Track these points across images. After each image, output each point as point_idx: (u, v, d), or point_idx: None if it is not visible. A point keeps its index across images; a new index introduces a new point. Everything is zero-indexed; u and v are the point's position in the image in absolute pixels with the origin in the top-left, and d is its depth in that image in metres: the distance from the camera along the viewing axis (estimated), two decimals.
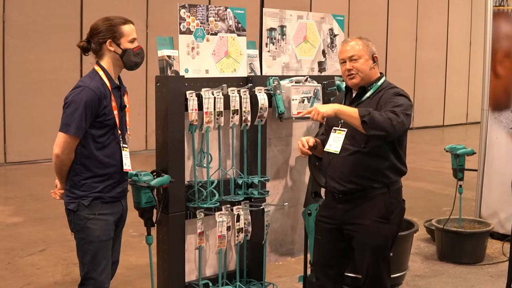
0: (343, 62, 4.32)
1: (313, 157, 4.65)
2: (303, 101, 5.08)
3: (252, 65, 5.07)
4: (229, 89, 4.73)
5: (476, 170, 7.55)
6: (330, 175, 4.33)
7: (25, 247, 7.19)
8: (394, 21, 18.91)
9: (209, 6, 4.74)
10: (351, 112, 4.00)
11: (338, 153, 4.21)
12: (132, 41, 4.07)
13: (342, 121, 4.24)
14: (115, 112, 4.02)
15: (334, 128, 4.30)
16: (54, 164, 3.99)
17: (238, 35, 4.91)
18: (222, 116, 4.69)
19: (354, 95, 4.37)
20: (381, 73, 4.40)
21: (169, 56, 4.57)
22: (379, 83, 4.31)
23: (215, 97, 4.62)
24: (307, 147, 4.32)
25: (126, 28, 4.05)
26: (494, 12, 7.42)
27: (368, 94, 4.28)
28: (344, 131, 4.23)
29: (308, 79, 5.18)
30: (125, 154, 4.09)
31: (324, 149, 4.31)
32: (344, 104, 4.35)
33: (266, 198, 5.08)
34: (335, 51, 5.55)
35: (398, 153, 4.25)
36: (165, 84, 4.52)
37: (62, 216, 4.31)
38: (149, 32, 13.71)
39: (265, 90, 4.92)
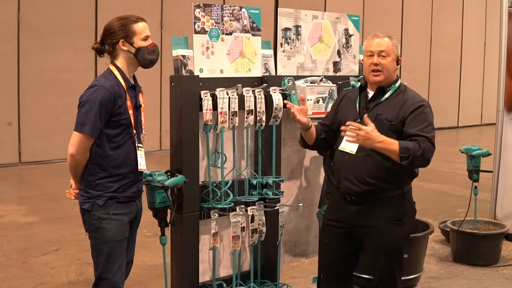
0: (370, 55, 4.22)
1: (328, 158, 4.62)
2: (318, 102, 5.06)
3: (267, 65, 5.06)
4: (244, 89, 4.73)
5: (491, 172, 7.51)
6: (344, 175, 4.26)
7: (39, 246, 7.21)
8: (408, 21, 18.87)
9: (224, 5, 4.73)
10: (393, 149, 4.00)
11: (354, 153, 4.16)
12: (145, 39, 4.04)
13: (359, 120, 4.20)
14: (130, 111, 4.00)
15: (350, 127, 4.25)
16: (68, 163, 3.99)
17: (253, 35, 4.90)
18: (236, 116, 4.68)
19: (371, 95, 4.30)
20: (397, 75, 4.35)
21: (183, 56, 4.57)
22: (397, 84, 4.26)
23: (229, 97, 4.61)
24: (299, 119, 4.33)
25: (138, 26, 4.03)
26: (510, 13, 7.37)
27: (387, 95, 4.22)
28: None
29: (323, 79, 5.17)
30: (140, 154, 4.08)
31: (339, 148, 4.26)
32: (359, 103, 4.31)
33: (280, 199, 5.06)
34: (350, 51, 5.53)
35: None
36: (179, 84, 4.51)
37: (76, 215, 4.31)
38: (163, 32, 13.73)
39: (280, 90, 4.91)
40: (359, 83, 4.51)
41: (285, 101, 4.51)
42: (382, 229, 4.18)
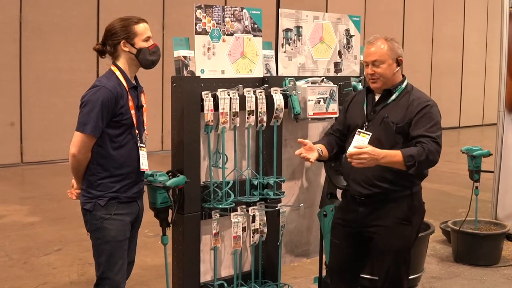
0: (366, 65, 4.23)
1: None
2: (319, 102, 5.07)
3: (268, 65, 5.07)
4: (245, 89, 4.73)
5: (492, 172, 7.51)
6: (353, 178, 4.25)
7: (41, 246, 7.22)
8: (410, 22, 18.86)
9: (225, 6, 4.75)
10: (397, 160, 3.98)
11: None
12: (146, 39, 4.05)
13: (366, 124, 4.20)
14: (132, 111, 4.01)
15: (358, 130, 4.21)
16: (70, 163, 4.00)
17: (254, 35, 4.91)
18: (237, 116, 4.69)
19: (377, 97, 4.28)
20: (403, 75, 4.32)
21: (185, 57, 4.58)
22: (403, 85, 4.24)
23: (230, 98, 4.62)
24: (313, 162, 4.26)
25: (140, 27, 4.04)
26: (511, 13, 7.37)
27: (393, 97, 4.20)
28: (369, 134, 4.13)
29: (324, 79, 5.17)
30: (142, 154, 4.09)
31: (347, 152, 4.24)
32: (367, 106, 4.29)
33: (281, 199, 5.07)
34: (351, 51, 5.54)
35: None
36: (181, 85, 4.52)
37: (78, 216, 4.32)
38: (165, 33, 13.74)
39: (281, 90, 4.91)
40: (362, 85, 4.50)
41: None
42: (391, 229, 4.17)
